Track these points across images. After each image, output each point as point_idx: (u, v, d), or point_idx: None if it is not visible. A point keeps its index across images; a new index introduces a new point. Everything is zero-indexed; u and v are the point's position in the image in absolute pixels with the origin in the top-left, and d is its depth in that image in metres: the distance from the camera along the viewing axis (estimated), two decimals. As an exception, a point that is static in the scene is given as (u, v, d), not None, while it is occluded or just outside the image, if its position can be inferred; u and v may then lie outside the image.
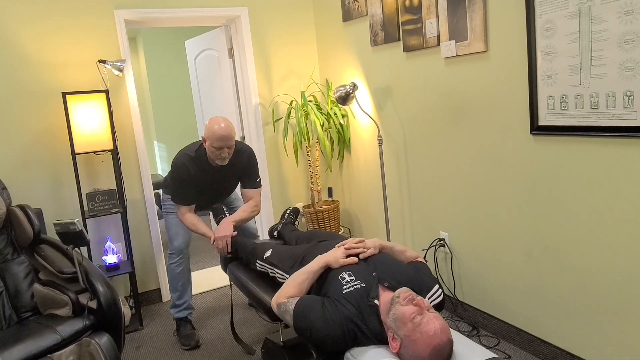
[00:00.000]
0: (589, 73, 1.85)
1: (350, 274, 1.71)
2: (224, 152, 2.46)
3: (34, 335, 2.01)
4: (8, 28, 2.85)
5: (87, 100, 2.85)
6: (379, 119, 3.18)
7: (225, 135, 2.42)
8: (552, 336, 2.24)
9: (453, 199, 2.68)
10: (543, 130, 2.09)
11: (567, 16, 1.89)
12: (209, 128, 2.45)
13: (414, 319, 1.43)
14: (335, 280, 1.71)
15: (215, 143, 2.43)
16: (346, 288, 1.65)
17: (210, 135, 2.44)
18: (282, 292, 1.78)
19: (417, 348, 1.40)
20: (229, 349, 2.66)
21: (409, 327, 1.43)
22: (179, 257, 2.78)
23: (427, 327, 1.40)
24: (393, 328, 1.48)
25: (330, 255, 1.83)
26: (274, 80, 3.65)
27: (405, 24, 2.76)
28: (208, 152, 2.51)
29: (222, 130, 2.42)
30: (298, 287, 1.78)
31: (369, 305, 1.59)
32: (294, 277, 1.83)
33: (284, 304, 1.73)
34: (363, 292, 1.63)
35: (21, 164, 2.93)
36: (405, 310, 1.45)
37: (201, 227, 2.64)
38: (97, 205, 2.95)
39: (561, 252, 2.12)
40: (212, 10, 3.37)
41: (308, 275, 1.80)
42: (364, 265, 1.77)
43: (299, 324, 1.63)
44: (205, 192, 2.68)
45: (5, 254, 2.38)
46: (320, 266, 1.81)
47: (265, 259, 2.24)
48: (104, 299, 2.15)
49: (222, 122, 2.45)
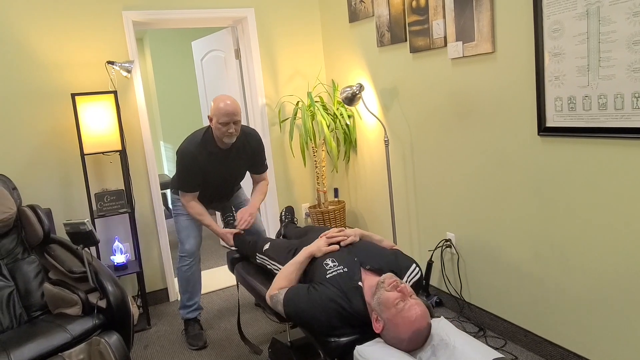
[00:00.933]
0: (597, 74, 1.85)
1: (333, 260, 1.86)
2: (230, 127, 2.42)
3: (45, 334, 2.03)
4: (18, 30, 2.87)
5: (95, 101, 2.87)
6: (385, 119, 3.18)
7: (231, 110, 2.40)
8: (560, 337, 2.24)
9: (460, 200, 2.68)
10: (550, 132, 2.08)
11: (575, 17, 1.89)
12: (214, 105, 2.43)
13: (397, 304, 1.55)
14: (319, 267, 1.86)
15: (222, 119, 2.40)
16: (329, 273, 1.80)
17: (216, 111, 2.41)
18: (274, 285, 1.92)
19: (399, 331, 1.54)
20: (235, 349, 2.68)
21: (392, 311, 1.55)
22: (191, 259, 2.75)
23: (409, 313, 1.53)
24: (377, 310, 1.61)
25: (314, 246, 1.98)
26: (281, 81, 3.66)
27: (412, 25, 2.76)
28: (215, 132, 2.48)
29: (227, 105, 2.40)
30: (287, 278, 1.92)
31: (354, 287, 1.71)
32: (283, 270, 1.98)
33: (275, 295, 1.86)
34: (346, 275, 1.76)
35: (31, 164, 2.96)
36: (390, 296, 1.57)
37: (207, 218, 2.63)
38: (106, 205, 2.98)
39: (568, 253, 2.12)
40: (218, 11, 3.39)
41: (296, 267, 1.95)
42: (346, 252, 1.91)
43: (288, 311, 1.76)
44: (214, 179, 2.62)
45: (16, 253, 2.41)
46: (305, 257, 1.96)
47: (264, 252, 2.31)
48: (113, 299, 2.17)
49: (227, 99, 2.44)
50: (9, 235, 2.42)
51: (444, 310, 2.90)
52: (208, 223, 2.64)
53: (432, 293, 2.97)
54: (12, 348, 1.94)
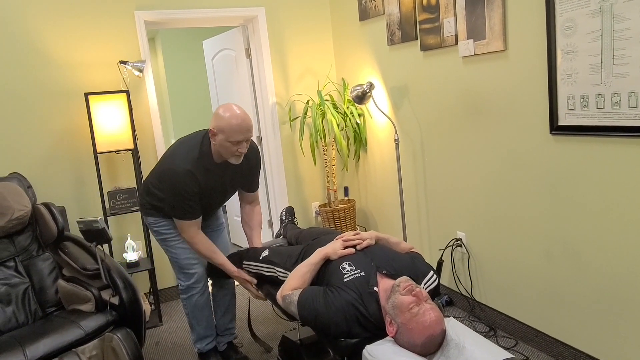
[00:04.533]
0: (611, 72, 1.83)
1: (350, 264, 1.80)
2: (242, 146, 2.05)
3: (59, 330, 2.07)
4: (33, 30, 2.92)
5: (108, 101, 2.91)
6: (395, 118, 3.17)
7: (246, 127, 2.01)
8: (572, 338, 2.22)
9: (470, 199, 2.66)
10: (563, 130, 2.06)
11: (589, 14, 1.87)
12: (222, 119, 2.01)
13: (411, 309, 1.52)
14: (336, 270, 1.80)
15: (235, 137, 2.00)
16: (347, 277, 1.74)
17: (226, 127, 2.00)
18: (287, 285, 1.87)
19: (413, 335, 1.51)
20: (246, 347, 2.69)
21: (407, 316, 1.52)
22: (202, 284, 2.36)
23: (423, 318, 1.50)
24: (391, 314, 1.58)
25: (329, 248, 1.92)
26: (291, 79, 3.67)
27: (423, 23, 2.75)
28: (218, 149, 2.07)
29: (242, 121, 2.01)
30: (301, 279, 1.86)
31: (369, 292, 1.68)
32: (296, 270, 1.92)
33: (288, 295, 1.81)
34: (363, 280, 1.72)
35: (45, 163, 3.01)
36: (404, 300, 1.55)
37: (221, 256, 2.25)
38: (118, 203, 3.01)
39: (581, 252, 2.10)
40: (229, 10, 3.41)
41: (310, 268, 1.89)
42: (362, 256, 1.85)
43: (303, 313, 1.72)
44: (205, 199, 2.20)
45: (31, 250, 2.45)
46: (320, 258, 1.90)
47: (263, 259, 2.22)
48: (125, 296, 2.19)
49: (239, 111, 2.02)
50: (24, 232, 2.46)
51: (455, 309, 2.89)
52: (222, 262, 2.25)
53: (443, 292, 2.96)
54: (27, 343, 1.97)
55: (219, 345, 2.55)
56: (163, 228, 2.30)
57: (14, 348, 1.95)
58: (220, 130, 2.02)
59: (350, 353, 1.68)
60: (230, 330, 2.59)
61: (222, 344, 2.56)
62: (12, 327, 2.23)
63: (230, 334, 2.60)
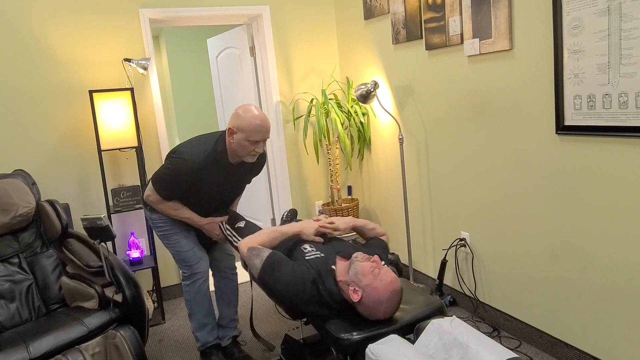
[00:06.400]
0: (618, 72, 1.81)
1: (311, 246, 2.00)
2: (260, 146, 2.13)
3: (62, 327, 2.08)
4: (37, 28, 2.92)
5: (113, 98, 2.91)
6: (400, 117, 3.16)
7: (267, 127, 2.11)
8: (576, 339, 2.20)
9: (475, 199, 2.65)
10: (569, 130, 2.05)
11: (596, 13, 1.85)
12: (243, 118, 2.09)
13: (373, 271, 1.72)
14: (297, 249, 1.98)
15: (254, 136, 2.09)
16: (308, 255, 1.92)
17: (247, 126, 2.08)
18: (254, 238, 1.98)
19: (379, 293, 1.69)
20: (248, 345, 2.69)
21: (370, 277, 1.71)
22: (205, 273, 2.43)
23: (385, 277, 1.72)
24: (355, 281, 1.73)
25: (305, 226, 2.08)
26: (295, 78, 3.66)
27: (428, 22, 2.74)
28: (235, 147, 2.13)
29: (263, 122, 2.10)
30: (270, 241, 1.99)
31: (327, 270, 1.84)
32: (267, 230, 2.04)
33: (256, 249, 1.90)
34: (322, 260, 1.90)
35: (50, 160, 3.01)
36: (365, 265, 1.74)
37: (185, 211, 2.29)
38: (122, 201, 3.02)
39: (586, 253, 2.08)
40: (234, 8, 3.40)
41: (279, 234, 2.04)
42: (324, 245, 2.03)
43: (266, 273, 1.82)
44: (211, 193, 2.28)
45: (35, 247, 2.46)
46: (293, 232, 2.06)
47: (237, 228, 2.29)
48: (129, 293, 2.20)
49: (259, 113, 2.12)
50: (28, 229, 2.47)
51: (458, 309, 2.88)
52: (188, 216, 2.30)
53: (446, 292, 2.95)
54: (31, 340, 1.98)
55: (223, 340, 2.56)
56: (166, 224, 2.36)
57: (17, 344, 1.95)
58: (241, 129, 2.09)
59: (353, 352, 1.67)
60: (234, 322, 2.61)
61: (227, 338, 2.57)
62: (15, 324, 2.24)
63: (234, 327, 2.61)
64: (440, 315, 1.79)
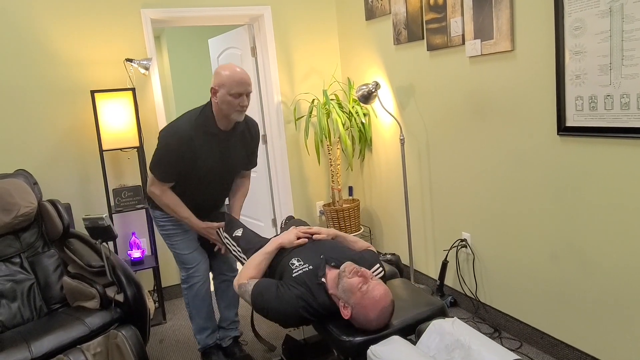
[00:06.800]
0: (620, 73, 1.81)
1: (299, 259, 1.91)
2: (243, 100, 2.08)
3: (64, 327, 2.08)
4: (39, 28, 2.93)
5: (114, 98, 2.91)
6: (401, 118, 3.16)
7: (246, 78, 2.07)
8: (577, 340, 2.20)
9: (476, 200, 2.65)
10: (570, 131, 2.05)
11: (598, 15, 1.85)
12: (222, 74, 2.07)
13: (361, 288, 1.66)
14: (286, 267, 1.91)
15: (235, 89, 2.04)
16: (295, 272, 1.85)
17: (226, 80, 2.04)
18: (243, 273, 1.95)
19: (367, 312, 1.65)
20: (249, 346, 2.69)
21: (358, 295, 1.65)
22: (203, 276, 2.42)
23: (373, 294, 1.65)
24: (344, 298, 1.69)
25: (284, 237, 2.04)
26: (296, 78, 3.67)
27: (430, 23, 2.74)
28: (221, 107, 2.10)
29: (240, 73, 2.06)
30: (256, 268, 1.96)
31: (317, 284, 1.79)
32: (252, 259, 2.00)
33: (244, 284, 1.89)
34: (311, 273, 1.83)
35: (51, 160, 3.02)
36: (352, 282, 1.67)
37: (184, 210, 2.25)
38: (123, 201, 3.02)
39: (587, 254, 2.08)
40: (235, 9, 3.41)
41: (265, 257, 1.99)
42: (312, 251, 1.95)
43: (256, 303, 1.81)
44: (208, 171, 2.22)
45: (36, 247, 2.46)
46: (274, 247, 2.00)
47: (235, 237, 2.27)
48: (130, 293, 2.20)
49: (235, 66, 2.08)
50: (29, 229, 2.47)
51: (459, 310, 2.88)
52: (187, 215, 2.26)
53: (447, 293, 2.95)
54: (32, 339, 1.98)
55: (224, 340, 2.57)
56: (169, 223, 2.35)
57: (19, 344, 1.96)
58: (221, 85, 2.07)
59: (355, 353, 1.67)
60: (235, 323, 2.62)
61: (228, 339, 2.58)
62: (17, 323, 2.24)
63: (235, 328, 2.62)
64: (442, 316, 1.79)
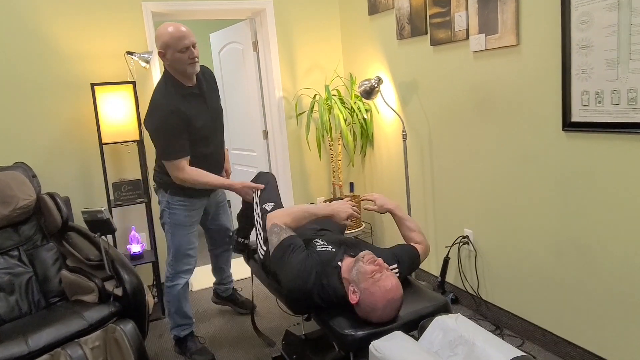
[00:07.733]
0: (627, 67, 1.79)
1: (322, 240, 1.95)
2: (191, 52, 2.13)
3: (62, 320, 2.06)
4: (40, 20, 2.90)
5: (114, 91, 2.89)
6: (403, 113, 3.14)
7: (186, 31, 2.12)
8: (580, 338, 2.18)
9: (479, 196, 2.63)
10: (576, 127, 2.03)
11: (605, 8, 1.83)
12: (163, 35, 2.11)
13: (374, 275, 1.65)
14: (310, 242, 1.93)
15: (180, 44, 2.10)
16: (319, 247, 1.87)
17: (169, 39, 2.10)
18: (282, 215, 1.92)
19: (375, 299, 1.63)
20: (249, 341, 2.68)
21: (369, 281, 1.65)
22: (188, 276, 2.51)
23: (384, 283, 1.64)
24: (355, 281, 1.68)
25: (338, 209, 1.98)
26: (298, 73, 3.64)
27: (433, 17, 2.71)
28: (176, 66, 2.16)
29: (178, 27, 2.11)
30: (295, 221, 1.92)
31: (333, 266, 1.79)
32: (297, 209, 1.97)
33: (278, 227, 1.86)
34: (331, 255, 1.84)
35: (51, 153, 2.99)
36: (367, 267, 1.67)
37: (215, 177, 2.30)
38: (123, 194, 3.00)
39: (592, 252, 2.06)
40: (237, 3, 3.38)
41: (310, 216, 1.96)
42: (337, 240, 1.97)
43: (280, 251, 1.80)
44: (205, 127, 2.29)
45: (35, 240, 2.44)
46: (325, 213, 1.98)
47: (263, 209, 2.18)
48: (129, 287, 2.18)
49: (172, 24, 2.13)
50: (28, 222, 2.45)
51: (460, 307, 2.86)
52: (220, 182, 2.32)
53: (448, 290, 2.93)
54: (30, 333, 1.96)
55: (226, 292, 2.99)
56: (182, 211, 2.39)
57: (16, 337, 1.94)
58: (166, 45, 2.12)
59: (356, 348, 1.65)
60: (229, 276, 2.99)
61: (228, 290, 3.00)
62: (15, 317, 2.22)
63: (231, 281, 3.01)
64: (445, 312, 1.77)
